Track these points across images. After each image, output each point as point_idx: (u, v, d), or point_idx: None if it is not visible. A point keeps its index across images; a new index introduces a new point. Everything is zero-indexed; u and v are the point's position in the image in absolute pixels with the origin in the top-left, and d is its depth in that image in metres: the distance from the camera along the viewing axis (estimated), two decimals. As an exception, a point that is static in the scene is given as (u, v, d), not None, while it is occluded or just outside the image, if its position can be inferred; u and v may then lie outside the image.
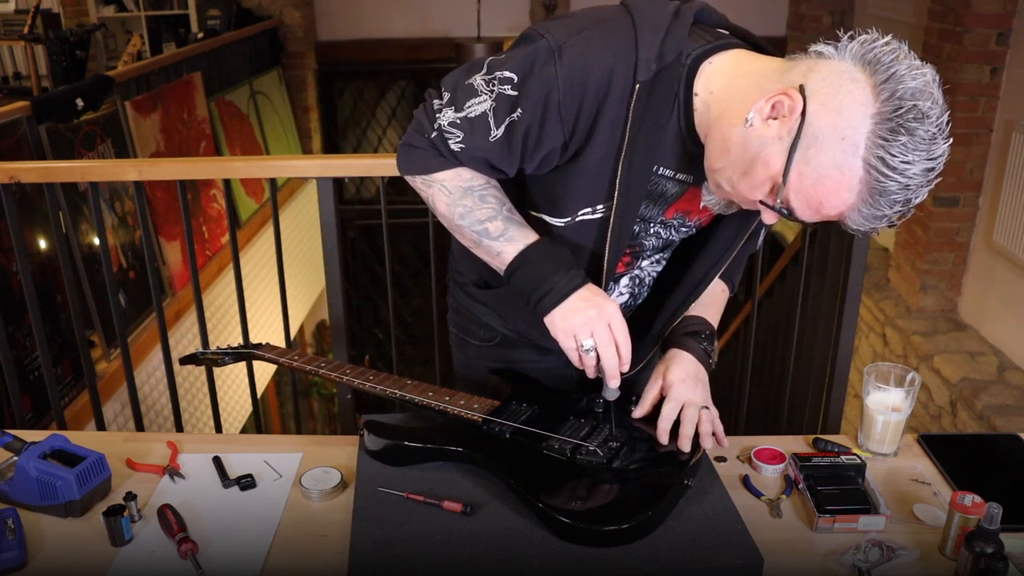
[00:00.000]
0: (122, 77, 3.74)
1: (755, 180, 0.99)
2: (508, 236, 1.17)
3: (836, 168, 0.92)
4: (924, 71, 0.92)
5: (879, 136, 0.90)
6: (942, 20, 3.84)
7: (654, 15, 1.05)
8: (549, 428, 1.23)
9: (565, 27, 1.08)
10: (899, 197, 0.92)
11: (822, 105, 0.92)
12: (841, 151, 0.91)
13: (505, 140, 1.10)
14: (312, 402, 6.54)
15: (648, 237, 1.24)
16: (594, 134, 1.07)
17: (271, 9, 5.83)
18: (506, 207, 1.19)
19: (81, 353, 2.27)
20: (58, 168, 2.22)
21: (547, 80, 1.04)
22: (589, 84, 1.04)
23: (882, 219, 0.94)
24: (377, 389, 1.32)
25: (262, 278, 4.51)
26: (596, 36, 1.05)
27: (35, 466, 1.17)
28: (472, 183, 1.19)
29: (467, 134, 1.12)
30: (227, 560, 1.10)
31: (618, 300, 1.30)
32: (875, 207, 0.93)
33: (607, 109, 1.05)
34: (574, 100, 1.05)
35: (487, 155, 1.13)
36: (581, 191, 1.13)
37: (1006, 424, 3.17)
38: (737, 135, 0.99)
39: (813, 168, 0.93)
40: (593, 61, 1.04)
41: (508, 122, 1.09)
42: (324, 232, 2.10)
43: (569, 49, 1.04)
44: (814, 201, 0.95)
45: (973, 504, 1.07)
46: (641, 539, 1.08)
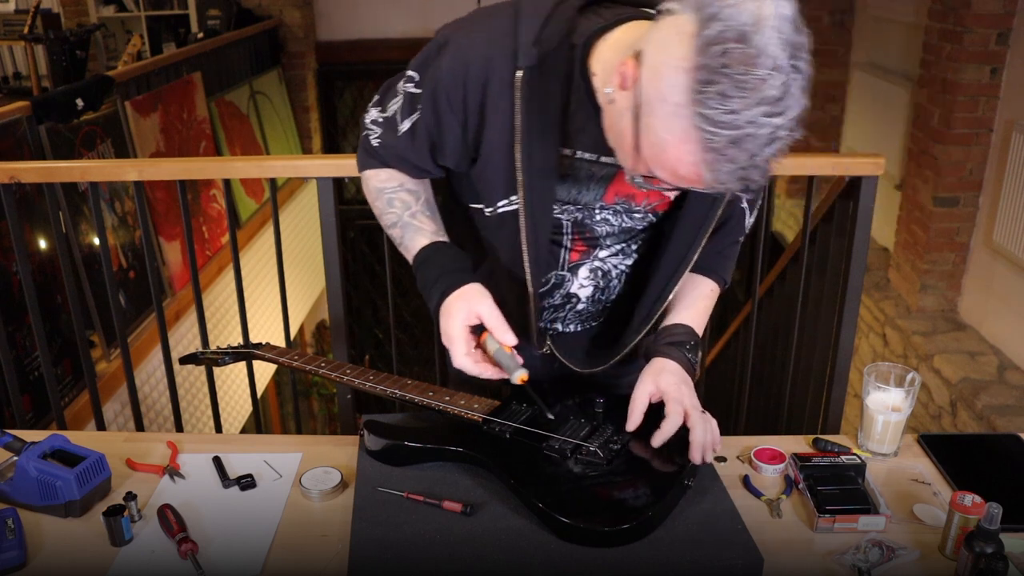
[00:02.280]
0: (122, 77, 3.74)
1: (626, 154, 0.98)
2: (404, 245, 1.24)
3: (669, 133, 0.88)
4: (762, 1, 0.84)
5: (696, 91, 0.84)
6: (942, 20, 3.84)
7: (536, 2, 1.06)
8: (549, 428, 1.23)
9: (456, 23, 1.13)
10: (737, 153, 0.85)
11: (649, 71, 0.89)
12: (667, 115, 0.87)
13: (410, 136, 1.17)
14: (312, 402, 6.54)
15: (597, 224, 1.22)
16: (486, 124, 1.09)
17: (271, 9, 5.83)
18: (409, 211, 1.23)
19: (81, 353, 2.27)
20: (58, 168, 2.22)
21: (435, 75, 1.10)
22: (469, 75, 1.07)
23: (738, 177, 0.88)
24: (377, 389, 1.32)
25: (262, 278, 4.51)
26: (477, 28, 1.09)
27: (35, 466, 1.17)
28: (385, 185, 1.25)
29: (383, 131, 1.20)
30: (227, 560, 1.10)
31: (582, 291, 1.29)
32: (719, 165, 0.87)
33: (492, 98, 1.07)
34: (458, 91, 1.08)
35: (402, 152, 1.20)
36: (492, 182, 1.15)
37: (1006, 424, 3.17)
38: (607, 111, 1.00)
39: (653, 136, 0.90)
40: (471, 52, 1.07)
41: (412, 120, 1.15)
42: (324, 232, 2.10)
43: (452, 43, 1.09)
44: (668, 167, 0.92)
45: (973, 504, 1.07)
46: (641, 539, 1.08)
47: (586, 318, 1.34)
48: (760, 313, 2.55)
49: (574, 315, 1.33)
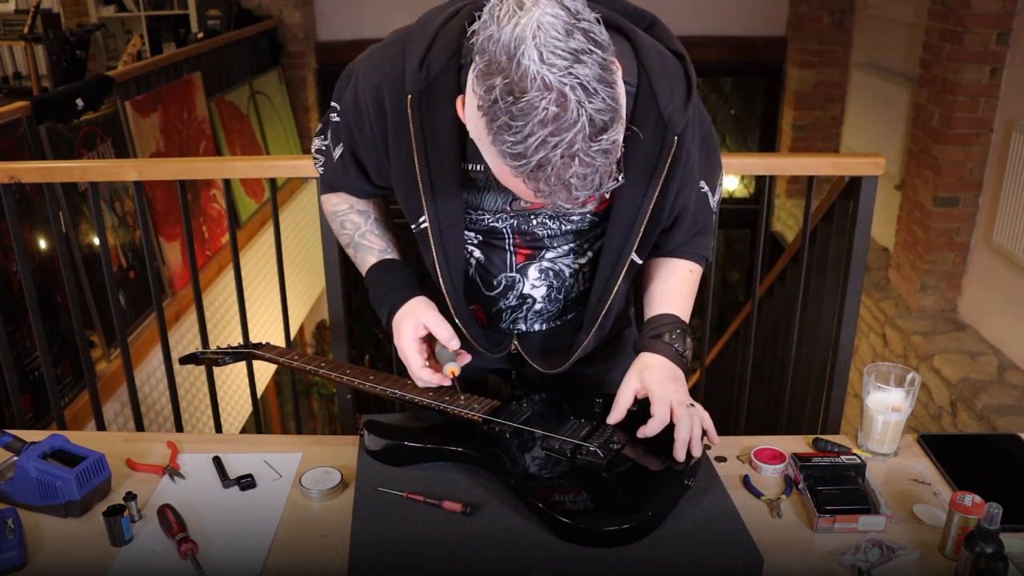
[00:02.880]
0: (122, 77, 3.74)
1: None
2: (358, 262, 1.32)
3: (493, 165, 0.93)
4: (521, 18, 0.82)
5: (488, 128, 0.86)
6: (942, 20, 3.84)
7: (423, 26, 1.07)
8: (549, 428, 1.23)
9: (363, 54, 1.17)
10: (550, 171, 0.85)
11: (467, 109, 0.93)
12: (484, 150, 0.92)
13: (342, 163, 1.23)
14: (312, 402, 6.54)
15: (536, 227, 1.22)
16: (390, 147, 1.13)
17: (271, 9, 5.83)
18: (359, 232, 1.30)
19: (81, 353, 2.27)
20: (58, 168, 2.22)
21: (345, 105, 1.18)
22: (365, 103, 1.12)
23: (574, 188, 0.87)
24: (377, 389, 1.32)
25: (262, 278, 4.51)
26: (374, 58, 1.14)
27: (35, 466, 1.17)
28: (337, 208, 1.33)
29: (325, 159, 1.27)
30: (227, 560, 1.10)
31: (535, 291, 1.28)
32: (546, 184, 0.86)
33: (392, 124, 1.10)
34: (363, 119, 1.14)
35: (340, 178, 1.29)
36: (406, 202, 1.18)
37: (1006, 424, 3.17)
38: None
39: (491, 165, 0.94)
40: (366, 81, 1.12)
41: (340, 148, 1.22)
42: (324, 232, 2.10)
43: (356, 74, 1.15)
44: (519, 191, 0.93)
45: (973, 504, 1.08)
46: (641, 539, 1.08)
47: (548, 317, 1.34)
48: (760, 313, 2.55)
49: (534, 315, 1.33)
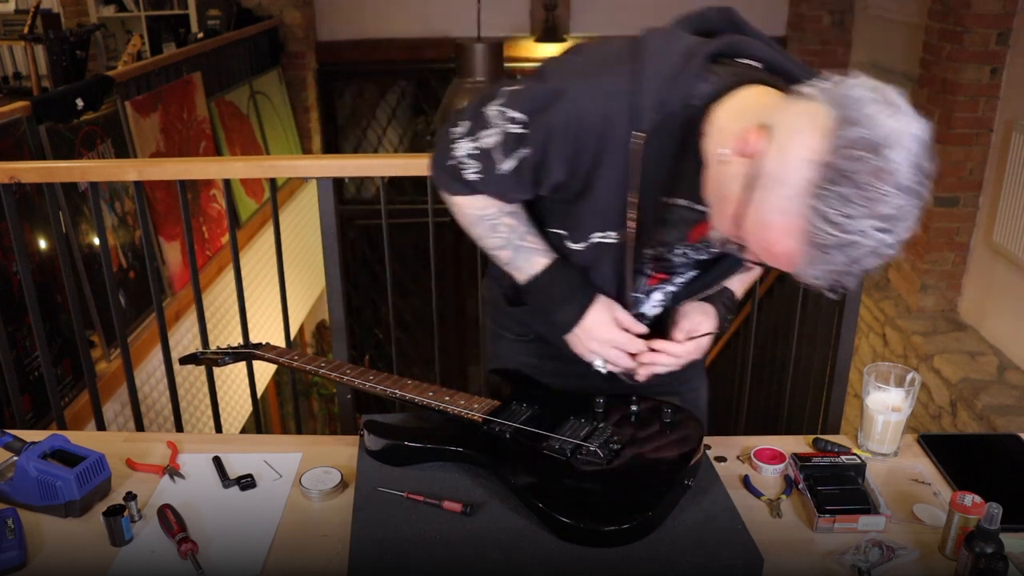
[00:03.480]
0: (122, 77, 3.74)
1: (723, 216, 0.97)
2: (516, 265, 1.25)
3: (777, 214, 0.88)
4: (902, 119, 0.84)
5: (816, 185, 0.84)
6: (942, 20, 3.84)
7: (660, 61, 1.02)
8: (549, 428, 1.23)
9: (570, 70, 1.08)
10: (840, 256, 0.86)
11: (776, 148, 0.88)
12: (779, 196, 0.88)
13: (514, 175, 1.13)
14: (312, 402, 6.54)
15: (675, 256, 1.23)
16: (597, 176, 1.08)
17: (271, 9, 5.82)
18: (517, 234, 1.23)
19: (81, 353, 2.27)
20: (58, 168, 2.22)
21: (547, 123, 1.06)
22: (584, 131, 1.05)
23: (832, 277, 0.88)
24: (377, 389, 1.32)
25: (262, 278, 4.51)
26: (595, 83, 1.05)
27: (35, 466, 1.17)
28: (485, 211, 1.23)
29: (482, 165, 1.16)
30: (227, 560, 1.10)
31: (652, 311, 1.31)
32: (823, 261, 0.87)
33: (607, 153, 1.05)
34: (570, 145, 1.06)
35: (503, 188, 1.17)
36: (592, 223, 1.15)
37: (1006, 424, 3.17)
38: (715, 170, 0.99)
39: (760, 211, 0.90)
40: (589, 108, 1.04)
41: (516, 159, 1.11)
42: (324, 232, 2.10)
43: (568, 95, 1.05)
44: (763, 244, 0.92)
45: (973, 504, 1.07)
46: (641, 539, 1.08)
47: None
48: (760, 313, 2.55)
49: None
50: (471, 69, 3.84)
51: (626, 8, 5.71)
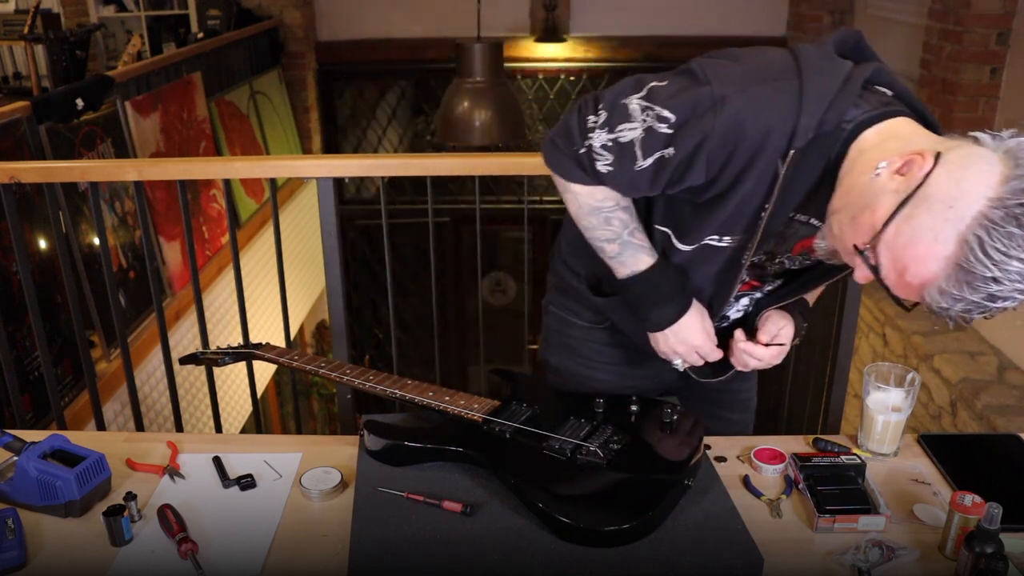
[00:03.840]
0: (122, 77, 3.74)
1: (859, 226, 0.98)
2: (621, 260, 1.25)
3: (931, 233, 0.90)
4: None
5: (987, 218, 0.87)
6: (942, 20, 3.84)
7: (822, 82, 1.03)
8: (549, 428, 1.23)
9: (732, 78, 1.07)
10: (983, 289, 0.89)
11: (947, 173, 0.91)
12: (943, 219, 0.90)
13: (651, 172, 1.12)
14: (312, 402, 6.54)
15: (773, 266, 1.26)
16: (738, 184, 1.08)
17: (271, 9, 5.82)
18: (628, 230, 1.23)
19: (81, 353, 2.27)
20: (58, 168, 2.22)
21: (703, 128, 1.05)
22: (743, 141, 1.04)
23: (963, 308, 0.91)
24: (377, 389, 1.32)
25: (262, 278, 4.51)
26: (760, 95, 1.04)
27: (35, 466, 1.17)
28: (602, 204, 1.23)
29: (616, 158, 1.14)
30: (227, 560, 1.10)
31: (734, 315, 1.35)
32: (957, 289, 0.90)
33: (756, 165, 1.06)
34: (725, 152, 1.06)
35: (632, 180, 1.16)
36: (712, 226, 1.16)
37: (1006, 424, 3.17)
38: (863, 182, 1.00)
39: (911, 227, 0.92)
40: (751, 121, 1.04)
41: (658, 156, 1.10)
42: (324, 232, 2.10)
43: (730, 103, 1.04)
44: (901, 262, 0.94)
45: (973, 504, 1.08)
46: (641, 539, 1.08)
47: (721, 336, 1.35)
48: (760, 313, 2.54)
49: (719, 332, 1.35)
50: (471, 69, 3.84)
51: (626, 8, 5.72)
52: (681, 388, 1.53)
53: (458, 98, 3.89)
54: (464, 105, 3.87)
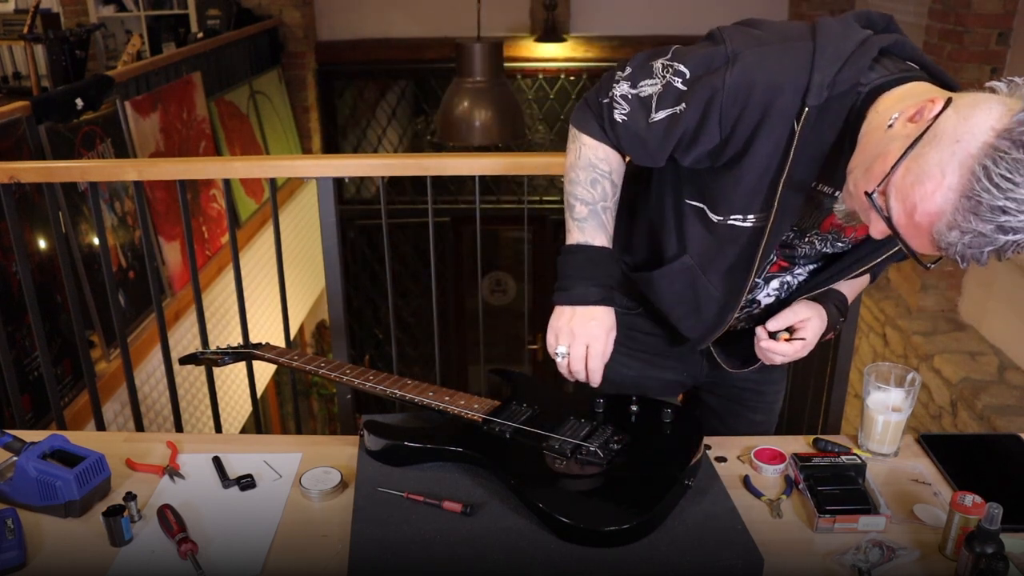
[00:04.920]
0: (122, 77, 3.74)
1: (872, 175, 0.97)
2: (581, 225, 1.26)
3: (938, 168, 0.89)
4: None
5: (993, 147, 0.86)
6: (942, 20, 3.84)
7: (837, 43, 1.03)
8: (549, 428, 1.23)
9: (747, 37, 1.09)
10: (991, 219, 0.87)
11: (956, 112, 0.91)
12: (950, 152, 0.89)
13: (663, 127, 1.14)
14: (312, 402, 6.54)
15: (803, 246, 1.24)
16: (752, 146, 1.08)
17: (271, 9, 5.82)
18: (603, 203, 1.25)
19: (81, 353, 2.27)
20: (58, 168, 2.22)
21: (714, 84, 1.07)
22: (753, 97, 1.05)
23: (972, 240, 0.89)
24: (377, 389, 1.32)
25: (262, 278, 4.50)
26: (773, 53, 1.06)
27: (35, 466, 1.17)
28: (598, 165, 1.25)
29: (632, 109, 1.17)
30: (227, 560, 1.10)
31: (765, 300, 1.33)
32: (966, 220, 0.88)
33: (768, 125, 1.06)
34: (735, 108, 1.06)
35: (642, 134, 1.17)
36: (735, 198, 1.15)
37: (1006, 424, 3.17)
38: (877, 136, 0.99)
39: (919, 165, 0.91)
40: (762, 76, 1.05)
41: (670, 113, 1.12)
42: (324, 232, 2.10)
43: (743, 59, 1.06)
44: (910, 201, 0.92)
45: (973, 504, 1.07)
46: (641, 539, 1.08)
47: (754, 322, 1.35)
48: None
49: (748, 318, 1.35)
50: (471, 69, 3.84)
51: (626, 8, 5.72)
52: (709, 383, 1.53)
53: (458, 98, 3.89)
54: (464, 105, 3.87)
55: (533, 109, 6.09)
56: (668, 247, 1.30)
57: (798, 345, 1.27)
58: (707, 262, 1.26)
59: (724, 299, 1.28)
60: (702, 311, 1.31)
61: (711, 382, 1.52)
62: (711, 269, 1.26)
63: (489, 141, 3.90)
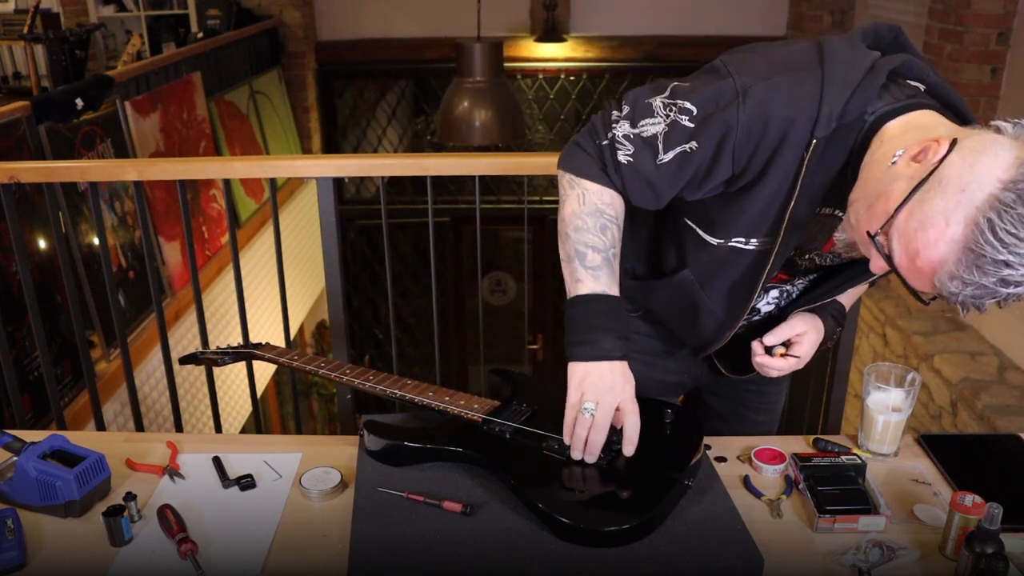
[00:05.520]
0: (122, 77, 3.74)
1: (874, 214, 0.97)
2: (596, 274, 1.19)
3: (942, 216, 0.89)
4: None
5: (998, 200, 0.86)
6: (942, 20, 3.84)
7: (845, 72, 1.02)
8: (549, 428, 1.23)
9: (754, 69, 1.07)
10: (994, 272, 0.86)
11: (962, 158, 0.90)
12: (955, 201, 0.88)
13: (673, 167, 1.11)
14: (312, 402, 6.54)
15: (803, 262, 1.24)
16: (764, 177, 1.08)
17: (271, 9, 5.82)
18: (614, 250, 1.21)
19: (81, 353, 2.27)
20: (58, 168, 2.22)
21: (727, 120, 1.05)
22: (767, 132, 1.04)
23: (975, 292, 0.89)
24: (377, 389, 1.32)
25: (262, 278, 4.50)
26: (782, 85, 1.04)
27: (35, 466, 1.17)
28: (606, 210, 1.20)
29: (637, 150, 1.14)
30: (227, 560, 1.10)
31: (764, 308, 1.33)
32: (968, 273, 0.87)
33: (780, 157, 1.05)
34: (750, 144, 1.05)
35: (650, 176, 1.14)
36: (739, 224, 1.15)
37: (1006, 424, 3.16)
38: (880, 171, 0.99)
39: (923, 211, 0.90)
40: (774, 111, 1.03)
41: (680, 151, 1.10)
42: (324, 232, 2.10)
43: (753, 94, 1.04)
44: (912, 246, 0.92)
45: (973, 504, 1.07)
46: (641, 539, 1.08)
47: (753, 329, 1.34)
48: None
49: (748, 325, 1.35)
50: (471, 69, 3.84)
51: (626, 8, 5.72)
52: (711, 385, 1.53)
53: (458, 98, 3.89)
54: (464, 105, 3.87)
55: (533, 109, 6.10)
56: (668, 260, 1.30)
57: (793, 361, 1.28)
58: (707, 279, 1.25)
59: (724, 317, 1.28)
60: (700, 325, 1.31)
61: (713, 383, 1.52)
62: (711, 287, 1.26)
63: (489, 141, 3.91)
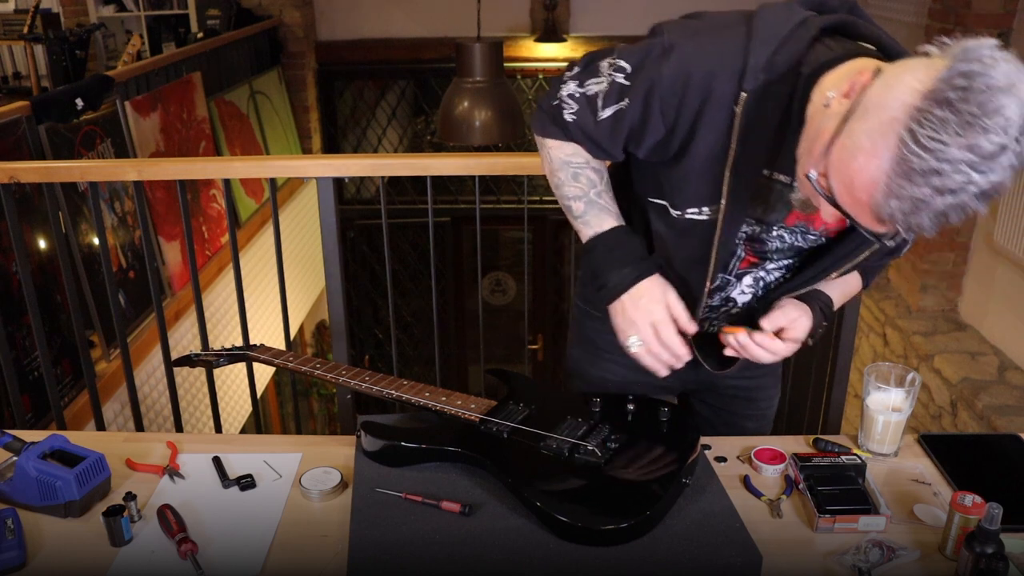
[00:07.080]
0: (122, 77, 3.74)
1: (812, 156, 0.96)
2: (585, 220, 1.24)
3: (867, 137, 0.87)
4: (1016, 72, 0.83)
5: (918, 109, 0.83)
6: (942, 20, 3.84)
7: (773, 25, 1.03)
8: (546, 428, 1.23)
9: (683, 28, 1.11)
10: (924, 182, 0.83)
11: (883, 82, 0.88)
12: (877, 121, 0.86)
13: (610, 125, 1.16)
14: (312, 402, 6.54)
15: (771, 240, 1.23)
16: (696, 135, 1.09)
17: (271, 9, 5.82)
18: (595, 189, 1.24)
19: (81, 353, 2.27)
20: (58, 168, 2.22)
21: (652, 76, 1.09)
22: (690, 86, 1.06)
23: (912, 207, 0.85)
24: (373, 390, 1.32)
25: (262, 278, 4.50)
26: (706, 41, 1.07)
27: (35, 466, 1.17)
28: (571, 159, 1.25)
29: (580, 109, 1.19)
30: (227, 560, 1.10)
31: (741, 297, 1.31)
32: (900, 187, 0.85)
33: (708, 113, 1.06)
34: (674, 98, 1.07)
35: (591, 133, 1.19)
36: (687, 191, 1.16)
37: (1006, 424, 3.17)
38: (815, 117, 0.99)
39: (851, 140, 0.89)
40: (696, 64, 1.06)
41: (616, 109, 1.14)
42: (324, 232, 2.10)
43: (678, 50, 1.07)
44: (847, 177, 0.90)
45: (973, 504, 1.07)
46: (639, 538, 1.08)
47: (734, 322, 1.34)
48: (760, 313, 2.54)
49: (726, 318, 1.34)
50: (471, 69, 3.84)
51: (626, 8, 5.72)
52: (700, 391, 1.53)
53: (458, 98, 3.88)
54: (464, 105, 3.87)
55: (533, 109, 6.09)
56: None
57: (788, 345, 1.26)
58: (671, 258, 1.25)
59: (686, 294, 1.25)
60: None
61: (702, 389, 1.52)
62: (674, 264, 1.25)
63: (489, 141, 3.90)
